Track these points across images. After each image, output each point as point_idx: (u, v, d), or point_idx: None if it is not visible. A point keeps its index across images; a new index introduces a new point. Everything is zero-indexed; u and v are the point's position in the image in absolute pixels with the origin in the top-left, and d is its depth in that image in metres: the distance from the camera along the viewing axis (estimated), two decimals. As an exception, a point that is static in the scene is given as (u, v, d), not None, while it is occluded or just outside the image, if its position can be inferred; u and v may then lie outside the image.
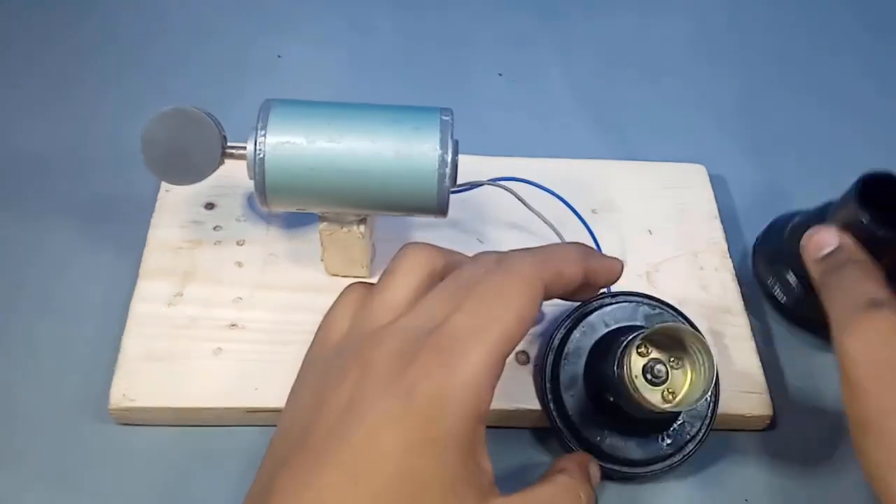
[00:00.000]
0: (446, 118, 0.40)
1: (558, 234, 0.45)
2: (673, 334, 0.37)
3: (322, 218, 0.42)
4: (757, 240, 0.48)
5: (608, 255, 0.40)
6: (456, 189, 0.40)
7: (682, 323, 0.41)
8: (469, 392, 0.30)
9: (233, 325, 0.43)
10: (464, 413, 0.30)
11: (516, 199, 0.45)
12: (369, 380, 0.31)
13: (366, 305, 0.36)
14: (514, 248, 0.37)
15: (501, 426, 0.42)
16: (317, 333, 0.37)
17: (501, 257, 0.35)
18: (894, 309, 0.33)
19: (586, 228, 0.46)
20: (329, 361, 0.34)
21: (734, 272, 0.47)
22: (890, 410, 0.31)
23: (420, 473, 0.30)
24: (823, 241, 0.39)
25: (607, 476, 0.40)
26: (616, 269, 0.38)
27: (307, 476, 0.30)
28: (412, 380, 0.30)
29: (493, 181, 0.44)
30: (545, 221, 0.45)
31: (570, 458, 0.37)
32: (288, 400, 0.35)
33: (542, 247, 0.37)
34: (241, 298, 0.44)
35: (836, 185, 0.41)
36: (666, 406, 0.36)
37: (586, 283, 0.37)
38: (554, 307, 0.44)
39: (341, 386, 0.32)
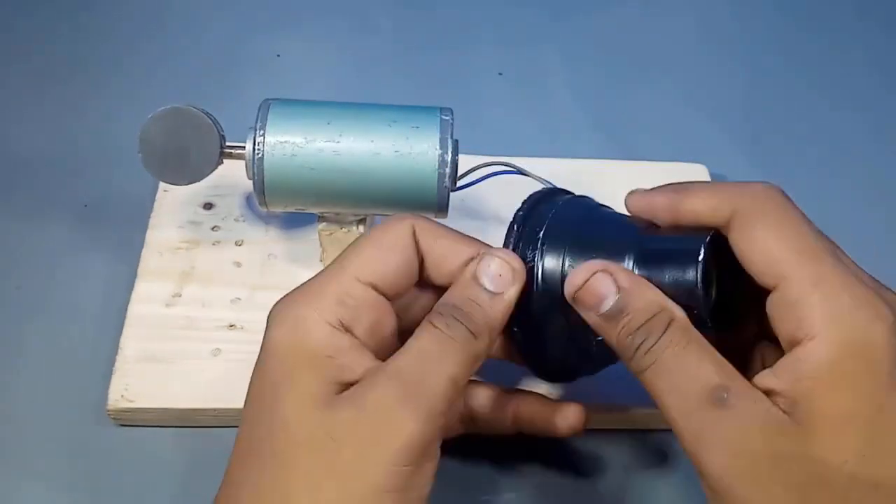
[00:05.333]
0: (446, 118, 0.40)
1: None
2: None
3: (321, 218, 0.42)
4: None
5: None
6: (459, 186, 0.40)
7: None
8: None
9: (231, 326, 0.43)
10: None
11: (515, 200, 0.45)
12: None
13: None
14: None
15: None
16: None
17: None
18: (741, 395, 0.29)
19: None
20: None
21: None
22: None
23: None
24: (600, 290, 0.31)
25: None
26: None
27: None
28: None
29: (493, 173, 0.43)
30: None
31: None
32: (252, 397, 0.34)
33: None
34: (239, 299, 0.44)
35: (839, 184, 0.40)
36: None
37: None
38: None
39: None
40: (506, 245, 0.35)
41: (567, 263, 0.34)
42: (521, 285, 0.33)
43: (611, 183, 0.51)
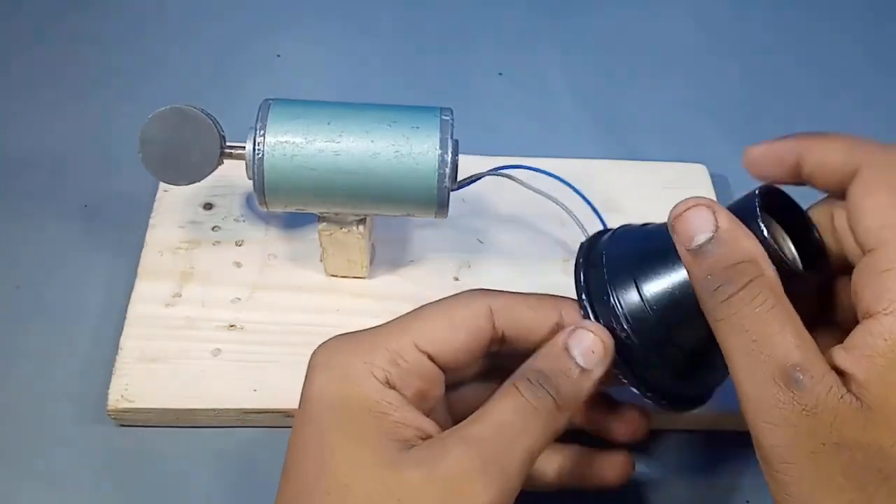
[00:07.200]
0: (446, 118, 0.40)
1: (575, 219, 0.42)
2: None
3: (321, 218, 0.42)
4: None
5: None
6: (459, 185, 0.40)
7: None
8: None
9: (231, 326, 0.43)
10: None
11: (515, 200, 0.45)
12: None
13: None
14: (513, 247, 0.36)
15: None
16: None
17: None
18: (816, 380, 0.27)
19: (596, 215, 0.44)
20: None
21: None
22: None
23: None
24: (695, 222, 0.29)
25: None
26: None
27: None
28: None
29: (495, 170, 0.42)
30: (561, 206, 0.42)
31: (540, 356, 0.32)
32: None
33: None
34: (239, 299, 0.44)
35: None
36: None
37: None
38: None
39: None
40: (579, 296, 0.33)
41: (643, 289, 0.32)
42: (610, 363, 0.32)
43: (611, 183, 0.51)
